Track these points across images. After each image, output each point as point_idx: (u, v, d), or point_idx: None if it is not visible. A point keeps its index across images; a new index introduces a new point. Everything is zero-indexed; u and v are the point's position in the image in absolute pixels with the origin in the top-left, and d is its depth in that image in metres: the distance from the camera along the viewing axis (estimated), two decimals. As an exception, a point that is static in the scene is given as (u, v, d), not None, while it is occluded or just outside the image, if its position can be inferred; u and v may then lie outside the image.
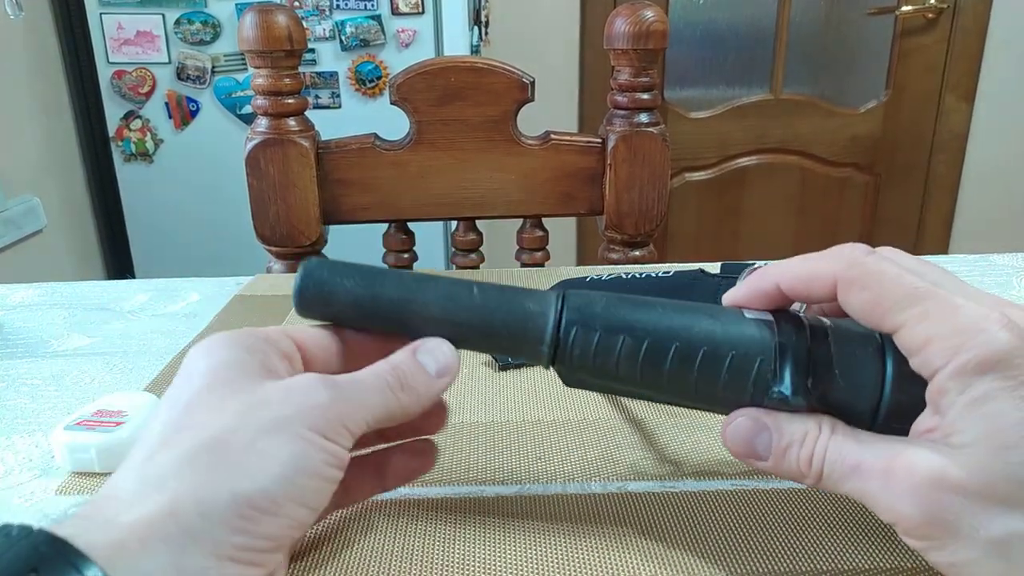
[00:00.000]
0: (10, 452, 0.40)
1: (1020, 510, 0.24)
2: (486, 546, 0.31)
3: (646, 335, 0.28)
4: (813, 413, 0.27)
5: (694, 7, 2.21)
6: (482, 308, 0.30)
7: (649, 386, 0.29)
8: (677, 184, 2.33)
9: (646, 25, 0.76)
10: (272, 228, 0.79)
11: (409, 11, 1.65)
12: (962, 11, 2.17)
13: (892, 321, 0.26)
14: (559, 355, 0.29)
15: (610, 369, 0.29)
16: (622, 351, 0.28)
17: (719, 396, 0.28)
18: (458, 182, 0.82)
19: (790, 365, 0.27)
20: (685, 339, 0.28)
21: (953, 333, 0.25)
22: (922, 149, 2.32)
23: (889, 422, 0.27)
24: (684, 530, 0.32)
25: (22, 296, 0.63)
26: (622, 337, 0.28)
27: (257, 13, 0.73)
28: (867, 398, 0.27)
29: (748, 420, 0.28)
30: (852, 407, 0.28)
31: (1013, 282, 0.63)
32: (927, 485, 0.24)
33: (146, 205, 1.80)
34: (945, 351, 0.25)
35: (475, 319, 0.30)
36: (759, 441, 0.28)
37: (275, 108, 0.76)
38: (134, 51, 1.69)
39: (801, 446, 0.27)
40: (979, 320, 0.25)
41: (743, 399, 0.28)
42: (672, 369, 0.28)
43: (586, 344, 0.29)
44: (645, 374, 0.29)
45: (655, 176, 0.81)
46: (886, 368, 0.27)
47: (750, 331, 0.28)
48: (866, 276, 0.27)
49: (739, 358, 0.28)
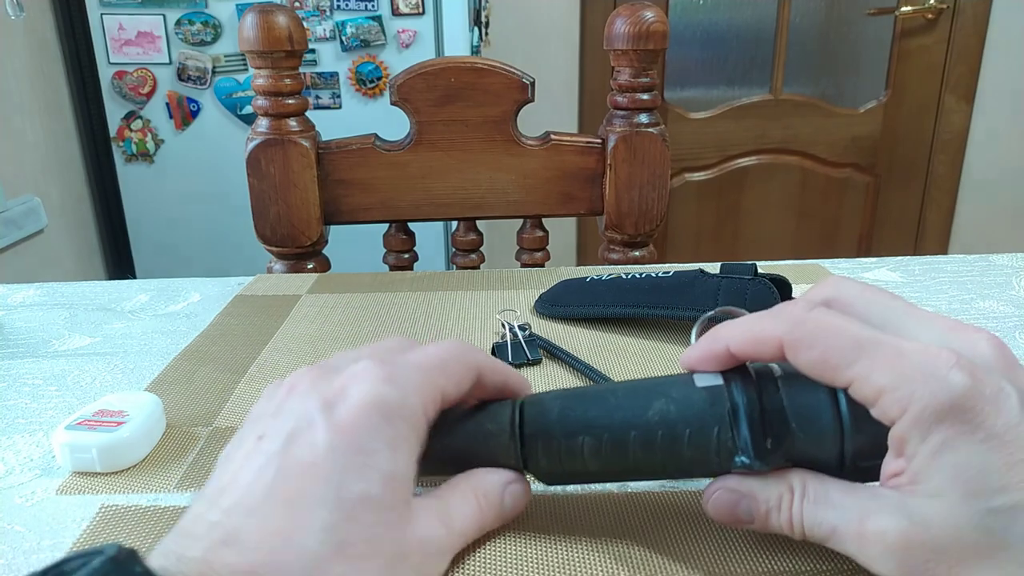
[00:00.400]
0: (11, 452, 0.40)
1: (990, 560, 0.24)
2: (486, 545, 0.31)
3: (603, 430, 0.30)
4: (784, 471, 0.28)
5: (694, 7, 2.21)
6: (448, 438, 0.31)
7: (622, 472, 0.31)
8: (677, 184, 2.34)
9: (646, 26, 0.76)
10: (273, 228, 0.79)
11: (409, 12, 1.66)
12: (962, 12, 2.17)
13: (842, 377, 0.26)
14: (530, 466, 0.31)
15: (579, 467, 0.30)
16: (585, 450, 0.30)
17: (689, 469, 0.30)
18: (458, 182, 0.82)
19: (746, 430, 0.28)
20: (641, 426, 0.29)
21: (903, 382, 0.25)
22: (922, 149, 2.33)
23: (857, 462, 0.28)
24: (685, 529, 0.32)
25: (23, 296, 0.64)
26: (581, 438, 0.30)
27: (258, 14, 0.73)
28: (828, 446, 0.28)
29: (724, 492, 0.29)
30: (816, 457, 0.28)
31: (1013, 282, 0.63)
32: (900, 548, 0.25)
33: (147, 205, 1.80)
34: (899, 401, 0.25)
35: (445, 454, 0.31)
36: (741, 510, 0.29)
37: (276, 108, 0.76)
38: (135, 51, 1.69)
39: (779, 511, 0.28)
40: (927, 365, 0.25)
41: (711, 468, 0.29)
42: (636, 455, 0.29)
43: (550, 452, 0.30)
44: (613, 464, 0.30)
45: (655, 176, 0.81)
46: (841, 413, 0.27)
47: (701, 404, 0.29)
48: (809, 336, 0.27)
49: (696, 434, 0.29)
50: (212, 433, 0.41)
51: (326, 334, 0.54)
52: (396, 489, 0.27)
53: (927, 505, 0.25)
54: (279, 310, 0.59)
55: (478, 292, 0.62)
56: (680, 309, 0.51)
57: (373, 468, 0.26)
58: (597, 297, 0.55)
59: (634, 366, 0.48)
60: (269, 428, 0.28)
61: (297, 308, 0.59)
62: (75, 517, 0.34)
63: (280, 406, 0.29)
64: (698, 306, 0.50)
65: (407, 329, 0.55)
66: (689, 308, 0.50)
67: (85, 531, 0.33)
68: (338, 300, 0.61)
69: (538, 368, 0.48)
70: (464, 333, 0.54)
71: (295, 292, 0.63)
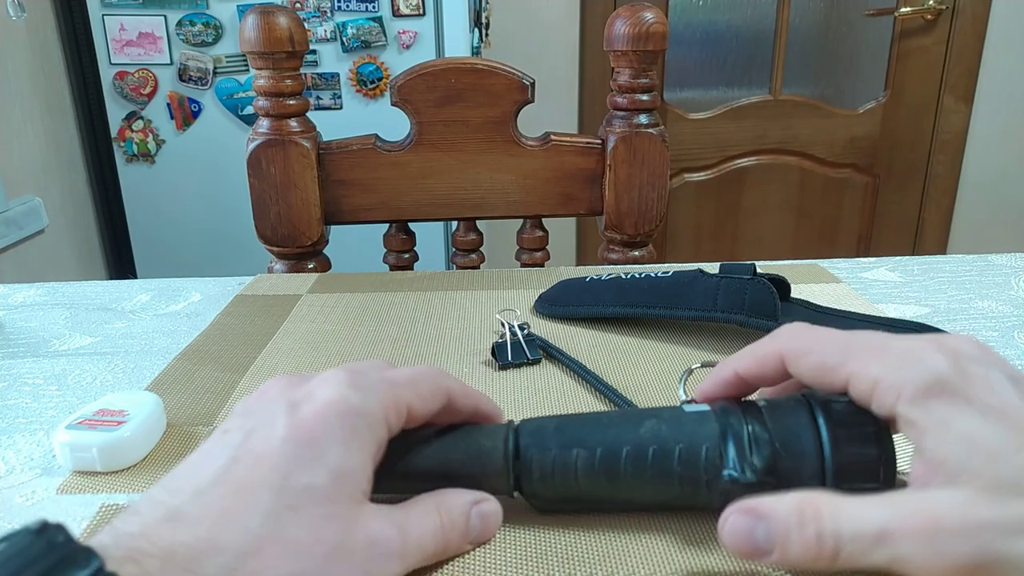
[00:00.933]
0: (12, 451, 0.40)
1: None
2: (486, 544, 0.31)
3: (597, 444, 0.31)
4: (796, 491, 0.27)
5: (693, 8, 2.21)
6: (441, 453, 0.32)
7: (611, 492, 0.31)
8: (676, 184, 2.34)
9: (646, 27, 0.76)
10: (273, 228, 0.79)
11: (410, 13, 1.66)
12: (961, 12, 2.17)
13: (839, 376, 0.28)
14: (523, 479, 0.31)
15: (571, 482, 0.31)
16: (579, 463, 0.31)
17: (678, 489, 0.30)
18: (459, 183, 0.82)
19: (733, 446, 0.29)
20: (634, 442, 0.30)
21: (892, 371, 0.27)
22: (921, 150, 2.33)
23: (838, 484, 0.28)
24: (686, 528, 0.32)
25: (24, 296, 0.64)
26: (576, 451, 0.31)
27: (259, 14, 0.73)
28: (811, 464, 0.29)
29: (739, 515, 0.27)
30: (799, 474, 0.29)
31: (1011, 282, 0.63)
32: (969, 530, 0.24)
33: (148, 205, 1.80)
34: (893, 387, 0.27)
35: (436, 465, 0.32)
36: (758, 534, 0.26)
37: (276, 109, 0.76)
38: (136, 52, 1.69)
39: (802, 527, 0.25)
40: (911, 353, 0.27)
41: (700, 489, 0.30)
42: (627, 470, 0.30)
43: (544, 463, 0.31)
44: (604, 480, 0.31)
45: (654, 177, 0.81)
46: (820, 432, 0.29)
47: (691, 424, 0.31)
48: (805, 344, 0.30)
49: (686, 450, 0.30)
50: (212, 433, 0.41)
51: (326, 334, 0.54)
52: (344, 485, 0.27)
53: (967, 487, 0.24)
54: (279, 310, 0.59)
55: (478, 292, 0.62)
56: (679, 309, 0.51)
57: (322, 463, 0.27)
58: (597, 297, 0.55)
59: (633, 366, 0.48)
60: (234, 425, 0.29)
61: (297, 308, 0.59)
62: (75, 516, 0.35)
63: (250, 408, 0.29)
64: (697, 306, 0.50)
65: (407, 329, 0.55)
66: (688, 308, 0.50)
67: (85, 530, 0.34)
68: (338, 300, 0.61)
69: (537, 368, 0.48)
70: (464, 333, 0.54)
71: (295, 292, 0.63)
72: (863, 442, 0.28)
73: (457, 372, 0.48)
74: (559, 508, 0.33)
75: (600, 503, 0.32)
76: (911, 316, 0.57)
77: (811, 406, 0.29)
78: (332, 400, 0.28)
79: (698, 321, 0.53)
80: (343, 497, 0.27)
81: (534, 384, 0.46)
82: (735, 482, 0.29)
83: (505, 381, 0.46)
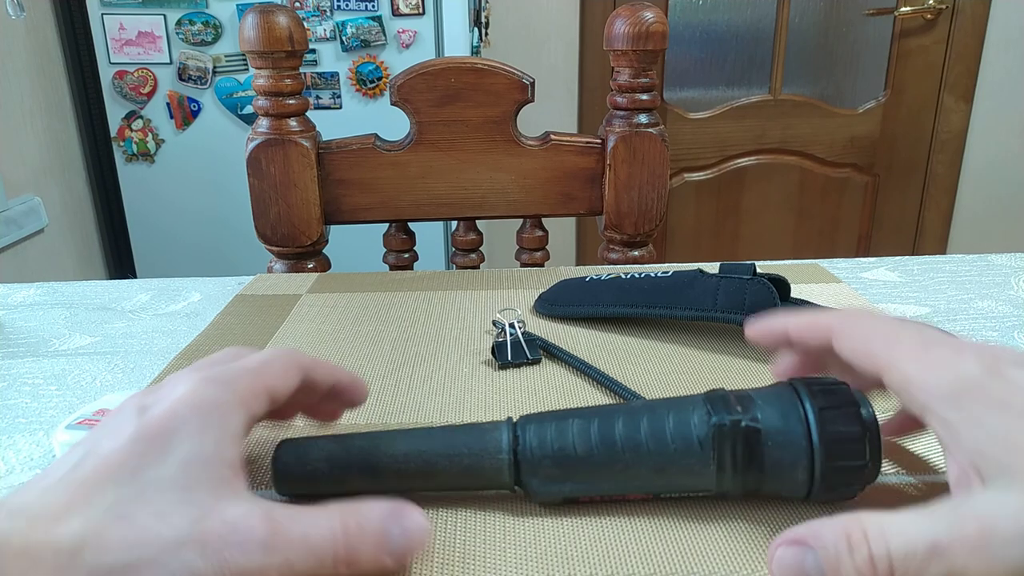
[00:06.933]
0: (11, 451, 0.40)
1: None
2: (486, 544, 0.31)
3: (594, 415, 0.33)
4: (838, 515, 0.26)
5: (693, 8, 2.21)
6: (443, 436, 0.33)
7: (609, 467, 0.32)
8: (676, 184, 2.34)
9: (646, 26, 0.76)
10: (273, 228, 0.79)
11: (409, 12, 1.66)
12: (961, 12, 2.17)
13: (877, 363, 0.30)
14: (520, 453, 0.32)
15: (569, 453, 0.32)
16: (575, 432, 0.32)
17: (673, 461, 0.31)
18: (458, 182, 0.82)
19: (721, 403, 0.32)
20: (628, 412, 0.33)
21: (927, 368, 0.28)
22: (921, 149, 2.33)
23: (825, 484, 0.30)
24: (686, 528, 0.32)
25: (23, 295, 0.64)
26: (572, 420, 0.33)
27: (258, 14, 0.73)
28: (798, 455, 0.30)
29: (787, 548, 0.26)
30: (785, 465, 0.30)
31: (1011, 282, 0.63)
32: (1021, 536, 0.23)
33: (147, 205, 1.80)
34: (925, 386, 0.27)
35: (438, 444, 0.33)
36: (808, 565, 0.25)
37: (276, 108, 0.76)
38: (135, 51, 1.69)
39: (852, 552, 0.25)
40: (945, 354, 0.28)
41: (692, 458, 0.31)
42: (623, 440, 0.32)
43: (542, 434, 0.32)
44: (600, 452, 0.32)
45: (654, 176, 0.81)
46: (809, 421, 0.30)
47: (681, 399, 0.33)
48: (855, 326, 0.32)
49: (677, 412, 0.32)
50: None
51: (326, 334, 0.54)
52: (198, 473, 0.27)
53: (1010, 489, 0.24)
54: (279, 310, 0.59)
55: (478, 292, 0.62)
56: (679, 309, 0.51)
57: (172, 454, 0.27)
58: (596, 297, 0.55)
59: (633, 366, 0.48)
60: (87, 437, 0.28)
61: (297, 308, 0.59)
62: (76, 516, 0.34)
63: (105, 420, 0.29)
64: (697, 306, 0.50)
65: (407, 329, 0.55)
66: (688, 308, 0.50)
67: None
68: (338, 300, 0.61)
69: (537, 368, 0.48)
70: (464, 332, 0.54)
71: (295, 292, 0.63)
72: (847, 421, 0.30)
73: (457, 372, 0.48)
74: (559, 498, 0.33)
75: (599, 482, 0.32)
76: (911, 316, 0.57)
77: (801, 402, 0.31)
78: (181, 396, 0.28)
79: (698, 321, 0.53)
80: (198, 485, 0.26)
81: (534, 383, 0.46)
82: (722, 426, 0.31)
83: (505, 381, 0.46)
